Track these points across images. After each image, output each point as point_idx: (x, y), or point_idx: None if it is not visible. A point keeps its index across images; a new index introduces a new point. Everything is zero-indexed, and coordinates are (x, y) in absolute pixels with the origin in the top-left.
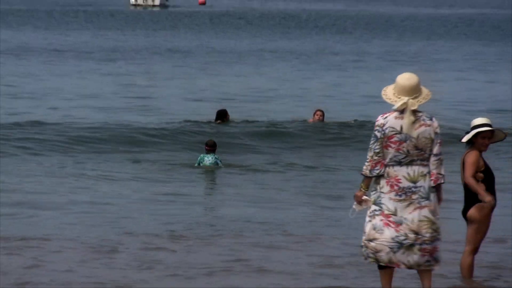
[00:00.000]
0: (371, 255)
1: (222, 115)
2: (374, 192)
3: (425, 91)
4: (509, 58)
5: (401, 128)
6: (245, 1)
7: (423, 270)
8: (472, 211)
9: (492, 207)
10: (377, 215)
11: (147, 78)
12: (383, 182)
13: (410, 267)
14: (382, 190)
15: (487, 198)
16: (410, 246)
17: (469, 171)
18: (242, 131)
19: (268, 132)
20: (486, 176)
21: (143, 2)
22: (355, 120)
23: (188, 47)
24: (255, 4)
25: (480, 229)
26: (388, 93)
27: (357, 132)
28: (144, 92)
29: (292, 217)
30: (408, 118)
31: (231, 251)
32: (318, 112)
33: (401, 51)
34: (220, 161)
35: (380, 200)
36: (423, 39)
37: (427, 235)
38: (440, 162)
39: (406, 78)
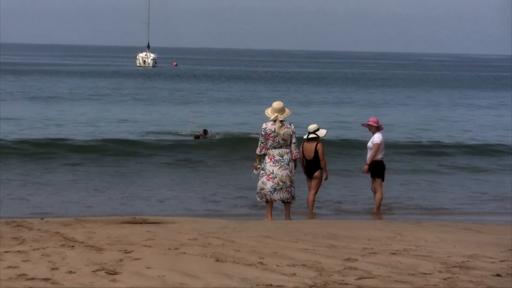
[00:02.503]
0: (263, 197)
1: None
2: (263, 164)
3: (287, 110)
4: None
5: (274, 129)
6: (194, 66)
7: (287, 202)
8: (317, 173)
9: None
10: (264, 175)
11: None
12: (266, 157)
13: (281, 200)
14: (266, 162)
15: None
16: (280, 189)
17: (323, 155)
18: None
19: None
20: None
21: (143, 65)
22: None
23: (168, 88)
24: (201, 68)
25: (319, 182)
26: (268, 111)
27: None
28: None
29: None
30: (277, 124)
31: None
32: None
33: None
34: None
35: (265, 167)
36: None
37: (288, 183)
38: (296, 147)
39: (276, 103)
